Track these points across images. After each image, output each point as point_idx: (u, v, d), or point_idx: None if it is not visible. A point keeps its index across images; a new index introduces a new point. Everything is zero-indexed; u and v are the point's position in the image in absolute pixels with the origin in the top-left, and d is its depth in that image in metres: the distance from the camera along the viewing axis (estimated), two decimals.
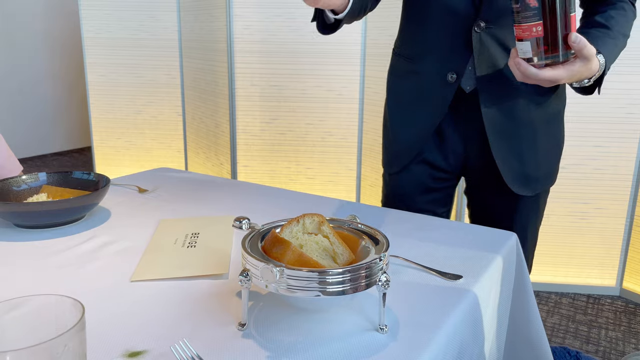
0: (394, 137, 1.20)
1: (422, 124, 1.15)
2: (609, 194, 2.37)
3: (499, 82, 1.07)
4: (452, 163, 1.17)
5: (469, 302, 0.73)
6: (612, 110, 2.30)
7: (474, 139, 1.14)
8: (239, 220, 0.71)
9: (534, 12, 0.90)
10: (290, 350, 0.60)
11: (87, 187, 1.05)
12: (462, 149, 1.16)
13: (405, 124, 1.18)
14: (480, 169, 1.16)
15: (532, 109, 1.09)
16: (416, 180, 1.19)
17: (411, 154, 1.18)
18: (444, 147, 1.16)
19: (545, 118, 1.11)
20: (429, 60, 1.12)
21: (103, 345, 0.60)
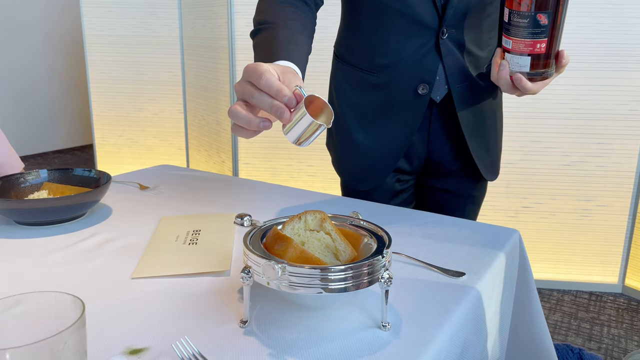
0: (364, 155, 1.14)
1: (394, 139, 1.11)
2: (611, 191, 2.37)
3: (468, 86, 1.09)
4: (415, 165, 1.17)
5: (472, 300, 0.73)
6: (615, 107, 2.29)
7: (439, 141, 1.14)
8: (240, 217, 0.70)
9: (542, 30, 0.91)
10: (292, 347, 0.60)
11: (88, 184, 1.04)
12: (425, 151, 1.15)
13: (376, 142, 1.13)
14: (440, 165, 1.17)
15: (492, 102, 1.16)
16: (386, 190, 1.18)
17: (387, 170, 1.14)
18: (409, 153, 1.15)
19: (499, 107, 1.20)
20: (395, 72, 1.06)
21: (104, 342, 0.60)
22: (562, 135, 2.35)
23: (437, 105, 1.10)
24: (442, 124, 1.12)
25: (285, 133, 0.72)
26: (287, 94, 0.69)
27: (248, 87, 0.71)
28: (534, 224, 2.45)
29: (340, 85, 1.16)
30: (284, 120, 0.70)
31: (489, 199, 2.42)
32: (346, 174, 1.21)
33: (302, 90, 0.71)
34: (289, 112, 0.69)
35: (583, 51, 2.25)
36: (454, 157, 1.16)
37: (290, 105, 0.69)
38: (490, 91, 1.14)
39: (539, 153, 2.38)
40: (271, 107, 0.69)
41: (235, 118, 0.71)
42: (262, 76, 0.69)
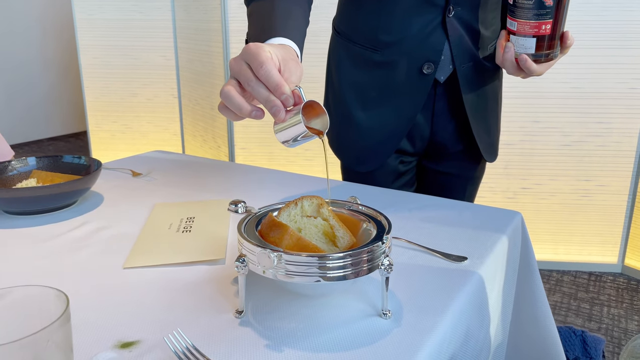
0: (366, 136, 1.11)
1: (397, 119, 1.08)
2: (611, 171, 2.35)
3: (472, 66, 1.06)
4: (418, 146, 1.15)
5: (475, 285, 0.70)
6: (615, 86, 2.26)
7: (443, 122, 1.12)
8: (234, 203, 0.68)
9: (547, 11, 0.90)
10: (289, 337, 0.57)
11: (78, 171, 1.02)
12: (429, 131, 1.13)
13: (378, 121, 1.09)
14: (443, 146, 1.15)
15: (494, 83, 1.14)
16: (388, 171, 1.15)
17: (388, 152, 1.11)
18: (411, 133, 1.12)
19: (500, 89, 1.18)
20: (400, 50, 1.03)
21: (94, 335, 0.57)
22: (561, 115, 2.32)
23: (441, 85, 1.07)
24: (447, 104, 1.10)
25: (275, 130, 0.69)
26: (286, 91, 0.65)
27: (245, 71, 0.66)
28: (533, 204, 2.44)
29: (341, 63, 1.12)
30: (277, 120, 0.66)
31: (487, 180, 2.40)
32: (346, 156, 1.17)
33: (301, 92, 0.67)
34: (284, 112, 0.66)
35: (583, 29, 2.21)
36: (457, 138, 1.14)
37: (287, 104, 0.66)
38: (494, 72, 1.12)
39: (538, 133, 2.35)
40: (267, 101, 0.66)
41: (227, 101, 0.67)
42: (263, 65, 0.64)
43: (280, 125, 0.67)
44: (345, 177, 1.21)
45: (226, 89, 0.67)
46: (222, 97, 0.67)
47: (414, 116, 1.07)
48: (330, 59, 1.17)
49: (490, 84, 1.13)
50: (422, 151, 1.16)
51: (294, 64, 0.70)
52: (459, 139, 1.14)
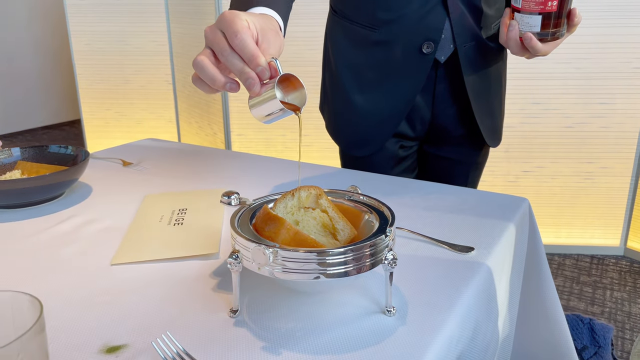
0: (363, 118, 1.07)
1: (396, 101, 1.04)
2: (614, 153, 2.31)
3: (474, 46, 1.02)
4: (418, 129, 1.10)
5: (483, 277, 0.67)
6: (617, 65, 2.21)
7: (444, 104, 1.07)
8: (227, 195, 0.64)
9: None
10: (288, 338, 0.54)
11: (64, 161, 0.97)
12: (430, 114, 1.08)
13: (376, 103, 1.05)
14: (445, 130, 1.11)
15: (498, 64, 1.09)
16: (388, 156, 1.11)
17: (387, 134, 1.07)
18: (411, 116, 1.08)
19: (504, 71, 1.13)
20: (398, 29, 0.99)
21: (78, 339, 0.54)
22: (563, 96, 2.27)
23: (442, 66, 1.03)
24: (448, 86, 1.05)
25: (250, 106, 0.64)
26: (262, 63, 0.60)
27: (220, 40, 0.61)
28: (535, 188, 2.40)
29: (338, 43, 1.07)
30: (252, 93, 0.62)
31: (488, 163, 2.34)
32: (343, 139, 1.13)
33: (277, 63, 0.62)
34: (259, 85, 0.61)
35: (584, 7, 2.16)
36: (458, 122, 1.09)
37: (263, 77, 0.61)
38: (497, 53, 1.07)
39: (539, 115, 2.30)
40: (241, 73, 0.61)
41: (200, 72, 0.62)
42: (238, 34, 0.60)
43: (255, 100, 0.62)
44: (344, 162, 1.17)
45: (199, 58, 0.62)
46: (194, 67, 0.62)
47: (413, 98, 1.03)
48: (327, 40, 1.12)
49: (494, 65, 1.08)
50: (423, 135, 1.12)
51: (273, 34, 0.65)
52: (461, 122, 1.10)
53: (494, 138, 1.13)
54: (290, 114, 0.63)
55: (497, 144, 1.15)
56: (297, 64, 2.49)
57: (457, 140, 1.12)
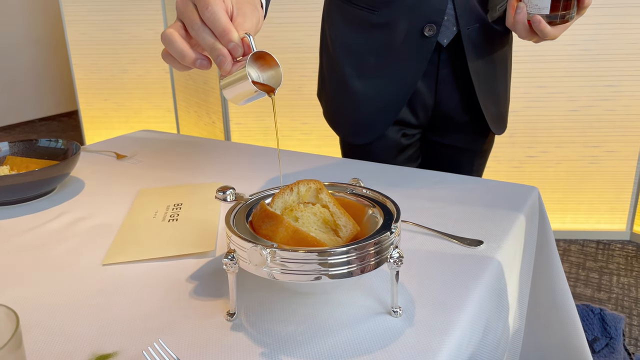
0: (362, 106, 1.03)
1: (397, 86, 1.00)
2: (620, 136, 2.26)
3: (478, 28, 0.97)
4: (421, 117, 1.06)
5: (493, 272, 0.63)
6: (624, 47, 2.16)
7: (447, 90, 1.03)
8: (222, 190, 0.60)
9: None
10: (288, 343, 0.51)
11: (55, 156, 0.94)
12: (432, 101, 1.04)
13: (376, 89, 1.01)
14: (448, 117, 1.06)
15: (503, 48, 1.05)
16: (390, 145, 1.07)
17: (388, 122, 1.03)
18: (413, 103, 1.04)
19: (509, 55, 1.09)
20: (399, 10, 0.95)
21: (66, 346, 0.51)
22: (568, 79, 2.22)
23: (445, 50, 0.98)
24: (451, 71, 1.01)
25: (221, 86, 0.58)
26: (234, 39, 0.55)
27: (191, 12, 0.56)
28: (540, 173, 2.36)
29: (336, 27, 1.03)
30: (223, 72, 0.57)
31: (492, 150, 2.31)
32: (342, 127, 1.09)
33: (251, 40, 0.57)
34: (231, 62, 0.56)
35: None
36: (462, 108, 1.05)
37: (235, 54, 0.56)
38: (502, 36, 1.03)
39: (544, 99, 2.26)
40: (211, 49, 0.55)
41: (169, 46, 0.56)
42: (209, 6, 0.54)
43: (227, 80, 0.57)
44: (344, 151, 1.13)
45: (167, 31, 0.57)
46: (163, 41, 0.57)
47: (415, 83, 0.99)
48: (325, 24, 1.07)
49: (499, 49, 1.04)
50: (426, 123, 1.08)
51: (249, 8, 0.60)
52: (465, 109, 1.06)
53: (498, 125, 1.09)
54: (264, 95, 0.58)
55: (502, 131, 1.11)
56: (297, 50, 2.44)
57: (461, 127, 1.08)
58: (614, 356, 1.06)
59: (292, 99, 2.54)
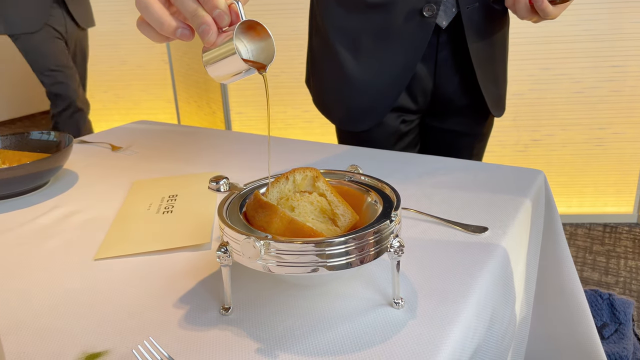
0: (359, 90, 0.99)
1: (395, 70, 0.96)
2: (626, 117, 2.23)
3: (478, 8, 0.94)
4: (420, 101, 1.03)
5: (498, 260, 0.61)
6: (628, 26, 2.11)
7: (447, 73, 1.00)
8: (215, 180, 0.58)
9: None
10: (286, 337, 0.49)
11: (48, 149, 0.92)
12: (431, 85, 1.01)
13: (373, 73, 0.98)
14: (448, 101, 1.04)
15: (502, 29, 1.02)
16: (389, 132, 1.03)
17: (386, 108, 0.99)
18: (412, 87, 1.01)
19: (507, 36, 1.06)
20: None
21: (55, 345, 0.49)
22: (572, 61, 2.18)
23: (444, 32, 0.95)
24: (450, 53, 0.98)
25: (204, 61, 0.51)
26: (220, 5, 0.48)
27: None
28: (545, 157, 2.33)
29: (329, 9, 0.98)
30: (206, 43, 0.50)
31: (496, 134, 2.28)
32: (337, 114, 1.05)
33: (240, 7, 0.50)
34: (216, 32, 0.49)
35: None
36: (462, 91, 1.02)
37: (221, 23, 0.49)
38: (501, 16, 1.00)
39: (548, 81, 2.22)
40: (193, 17, 0.48)
41: (146, 13, 0.49)
42: None
43: (211, 53, 0.50)
44: (341, 140, 1.10)
45: None
46: (138, 7, 0.50)
47: (414, 66, 0.96)
48: (315, 6, 1.03)
49: (499, 30, 1.01)
50: (425, 108, 1.05)
51: None
52: (465, 92, 1.03)
53: (498, 107, 1.07)
54: (254, 72, 0.51)
55: (502, 113, 1.09)
56: (295, 37, 2.40)
57: (460, 111, 1.06)
58: (623, 342, 1.04)
59: (293, 87, 2.51)
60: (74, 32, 2.42)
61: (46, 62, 2.34)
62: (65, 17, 2.33)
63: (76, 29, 2.42)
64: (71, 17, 2.34)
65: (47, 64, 2.35)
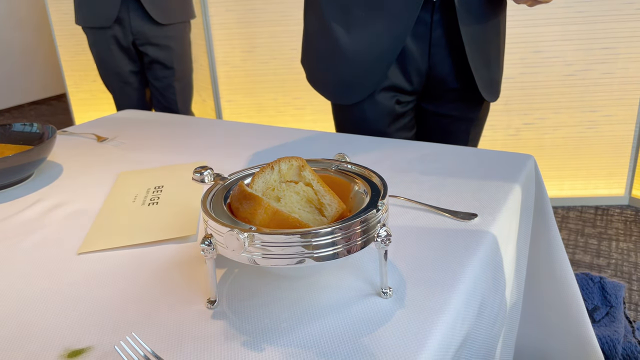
0: (350, 62, 0.99)
1: (384, 44, 0.96)
2: (618, 99, 2.22)
3: None
4: (415, 82, 1.02)
5: (488, 246, 0.60)
6: (620, 7, 2.10)
7: (440, 54, 0.99)
8: (199, 171, 0.56)
9: None
10: (272, 331, 0.48)
11: (30, 141, 0.90)
12: (426, 65, 1.00)
13: (363, 45, 0.97)
14: (442, 82, 1.03)
15: (496, 10, 1.01)
16: (382, 110, 1.03)
17: (376, 81, 0.99)
18: (406, 66, 1.00)
19: (502, 19, 1.04)
20: None
21: (38, 343, 0.48)
22: (563, 43, 2.17)
23: (438, 10, 0.94)
24: (444, 32, 0.97)
25: None
26: None
27: None
28: (537, 140, 2.33)
29: None
30: None
31: (487, 118, 2.27)
32: (329, 87, 1.04)
33: None
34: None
35: None
36: (455, 74, 1.01)
37: None
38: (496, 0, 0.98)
39: (539, 64, 2.21)
40: None
41: None
42: None
43: None
44: (337, 117, 1.09)
45: None
46: None
47: (403, 38, 0.95)
48: None
49: (491, 10, 0.99)
50: (419, 89, 1.04)
51: None
52: (459, 74, 1.02)
53: (490, 91, 1.05)
54: None
55: (495, 99, 1.08)
56: (285, 23, 2.37)
57: (455, 94, 1.05)
58: (614, 325, 1.05)
59: (284, 74, 2.49)
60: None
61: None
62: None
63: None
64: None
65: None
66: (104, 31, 1.90)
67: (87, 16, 1.90)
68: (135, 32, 1.90)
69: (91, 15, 1.88)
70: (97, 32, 1.92)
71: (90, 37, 1.98)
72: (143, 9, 1.85)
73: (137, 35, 1.91)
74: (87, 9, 1.89)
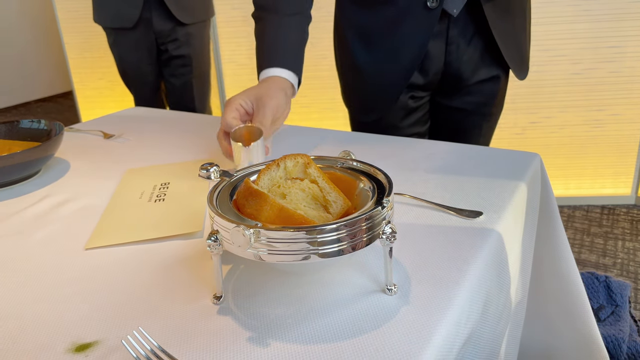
0: (372, 80, 1.02)
1: (404, 60, 0.98)
2: (624, 98, 2.21)
3: None
4: (430, 78, 1.03)
5: (493, 244, 0.61)
6: (628, 5, 2.09)
7: (457, 50, 1.00)
8: (205, 168, 0.57)
9: None
10: (278, 326, 0.48)
11: (38, 137, 0.91)
12: (442, 62, 1.01)
13: (384, 63, 1.00)
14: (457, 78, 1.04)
15: None
16: (397, 106, 1.05)
17: (397, 93, 1.02)
18: (425, 67, 1.01)
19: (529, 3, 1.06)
20: None
21: (45, 337, 0.48)
22: (570, 41, 2.16)
23: (453, 18, 0.96)
24: (462, 31, 0.98)
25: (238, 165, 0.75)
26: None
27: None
28: (543, 139, 2.32)
29: (345, 8, 1.03)
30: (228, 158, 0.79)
31: None
32: (354, 104, 1.10)
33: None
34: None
35: None
36: (472, 68, 1.02)
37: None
38: None
39: (546, 63, 2.20)
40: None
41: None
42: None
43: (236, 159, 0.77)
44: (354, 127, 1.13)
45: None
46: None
47: (420, 56, 0.97)
48: (336, 7, 1.07)
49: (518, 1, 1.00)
50: (435, 85, 1.05)
51: (267, 99, 0.79)
52: (475, 69, 1.03)
53: (521, 69, 1.07)
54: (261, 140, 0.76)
55: (524, 75, 1.08)
56: None
57: (469, 89, 1.05)
58: (619, 324, 1.04)
59: None
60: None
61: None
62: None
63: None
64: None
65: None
66: (126, 32, 1.87)
67: (108, 16, 1.87)
68: (157, 31, 1.88)
69: (113, 15, 1.85)
70: (118, 33, 1.89)
71: (111, 37, 1.95)
72: (166, 9, 1.83)
73: (159, 35, 1.89)
74: (108, 9, 1.85)
